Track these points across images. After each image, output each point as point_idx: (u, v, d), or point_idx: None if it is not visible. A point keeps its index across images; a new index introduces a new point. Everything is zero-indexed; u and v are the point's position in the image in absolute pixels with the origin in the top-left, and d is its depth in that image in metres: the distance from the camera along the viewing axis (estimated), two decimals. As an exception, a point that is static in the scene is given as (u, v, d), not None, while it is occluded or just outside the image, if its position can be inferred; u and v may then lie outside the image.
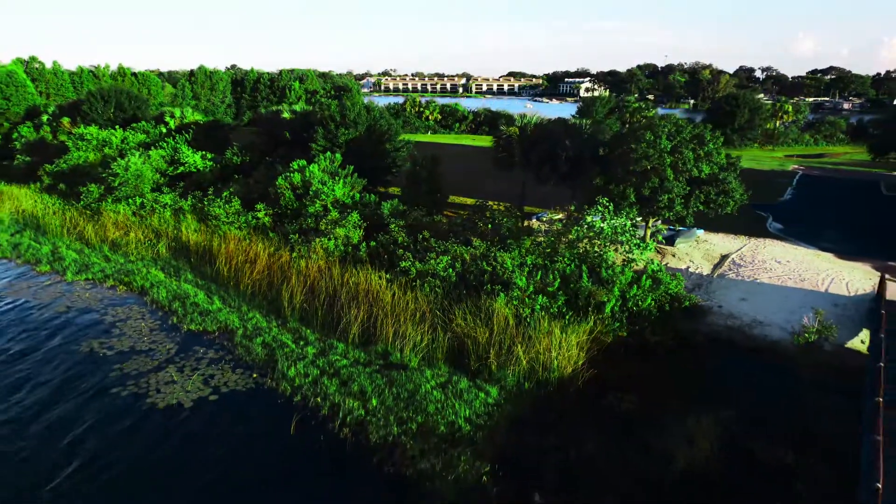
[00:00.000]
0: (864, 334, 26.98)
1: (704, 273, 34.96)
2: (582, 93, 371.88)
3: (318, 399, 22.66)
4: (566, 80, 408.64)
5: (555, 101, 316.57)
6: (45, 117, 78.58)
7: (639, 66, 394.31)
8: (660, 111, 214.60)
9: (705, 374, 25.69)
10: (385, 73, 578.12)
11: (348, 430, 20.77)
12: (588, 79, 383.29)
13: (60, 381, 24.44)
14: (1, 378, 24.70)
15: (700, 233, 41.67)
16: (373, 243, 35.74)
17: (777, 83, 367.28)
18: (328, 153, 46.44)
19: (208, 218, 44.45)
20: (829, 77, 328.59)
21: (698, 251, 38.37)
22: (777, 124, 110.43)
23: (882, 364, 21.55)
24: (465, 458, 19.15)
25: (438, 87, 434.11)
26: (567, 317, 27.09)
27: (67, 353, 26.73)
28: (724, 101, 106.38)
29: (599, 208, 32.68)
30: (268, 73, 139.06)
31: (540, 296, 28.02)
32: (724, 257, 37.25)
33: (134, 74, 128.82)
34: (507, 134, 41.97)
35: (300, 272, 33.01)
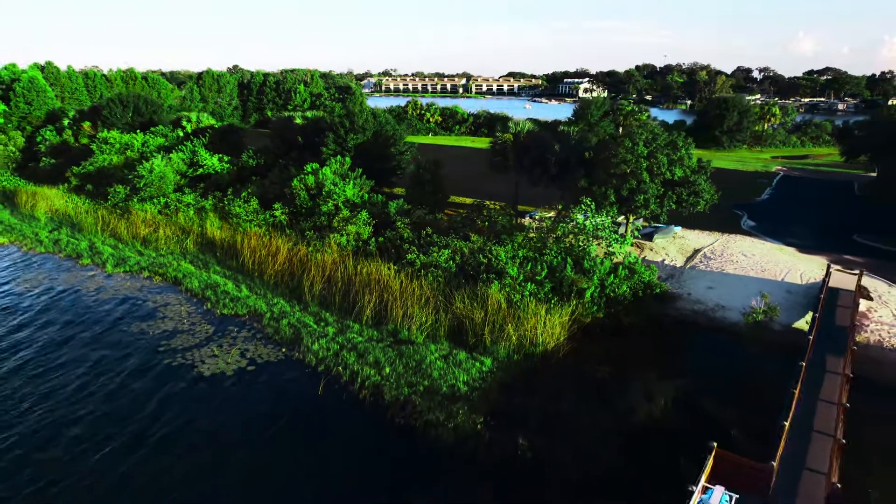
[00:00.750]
0: (809, 316, 31.16)
1: (678, 265, 39.18)
2: (581, 93, 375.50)
3: (340, 368, 26.88)
4: (565, 80, 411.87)
5: (554, 102, 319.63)
6: (66, 121, 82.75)
7: (637, 67, 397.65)
8: (656, 113, 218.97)
9: (671, 349, 29.88)
10: (385, 73, 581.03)
11: (367, 392, 24.99)
12: (587, 79, 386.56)
13: (121, 355, 28.64)
14: (71, 354, 28.91)
15: (678, 229, 45.86)
16: (381, 238, 39.94)
17: (774, 84, 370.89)
18: (338, 157, 50.62)
19: (229, 216, 48.67)
20: (824, 78, 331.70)
21: (674, 246, 42.58)
22: (765, 126, 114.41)
23: (811, 337, 25.80)
24: (463, 412, 23.35)
25: (439, 87, 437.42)
26: (552, 301, 31.30)
27: (121, 332, 30.95)
28: (713, 105, 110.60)
29: (583, 207, 36.87)
30: (273, 76, 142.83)
31: (529, 283, 32.24)
32: (696, 251, 41.48)
33: (144, 78, 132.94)
34: (503, 140, 46.18)
35: (318, 264, 37.20)
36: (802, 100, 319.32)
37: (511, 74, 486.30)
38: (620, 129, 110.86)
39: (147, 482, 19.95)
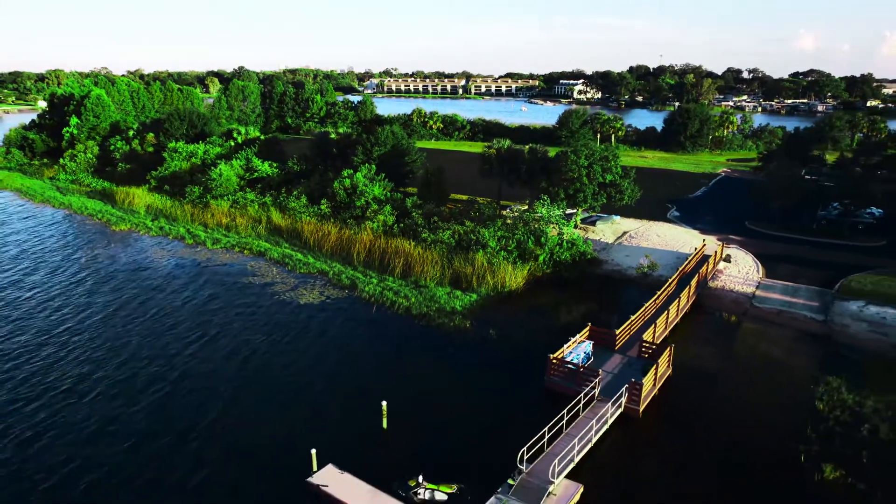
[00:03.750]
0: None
1: (609, 242, 56.14)
2: (575, 94, 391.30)
3: (383, 299, 43.82)
4: (561, 81, 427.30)
5: (549, 104, 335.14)
6: (131, 132, 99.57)
7: (630, 69, 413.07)
8: (645, 114, 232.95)
9: (591, 291, 46.73)
10: (386, 73, 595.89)
11: (401, 311, 41.96)
12: (581, 81, 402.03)
13: (250, 295, 45.53)
14: (225, 298, 45.82)
15: (617, 218, 62.78)
16: (402, 224, 56.84)
17: (763, 84, 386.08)
18: (367, 164, 67.55)
19: (286, 209, 65.57)
20: (807, 80, 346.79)
21: (610, 229, 59.54)
22: (725, 132, 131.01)
23: (671, 280, 42.78)
24: (459, 319, 40.28)
25: (439, 88, 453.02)
26: (517, 262, 48.22)
27: (239, 285, 47.84)
28: (678, 113, 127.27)
29: (542, 202, 53.73)
30: (293, 88, 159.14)
31: (502, 251, 49.19)
32: (625, 233, 58.44)
33: (180, 90, 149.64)
34: (489, 153, 63.10)
35: (359, 241, 54.11)
36: (785, 101, 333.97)
37: (509, 75, 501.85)
38: (598, 136, 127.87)
39: (297, 356, 36.73)
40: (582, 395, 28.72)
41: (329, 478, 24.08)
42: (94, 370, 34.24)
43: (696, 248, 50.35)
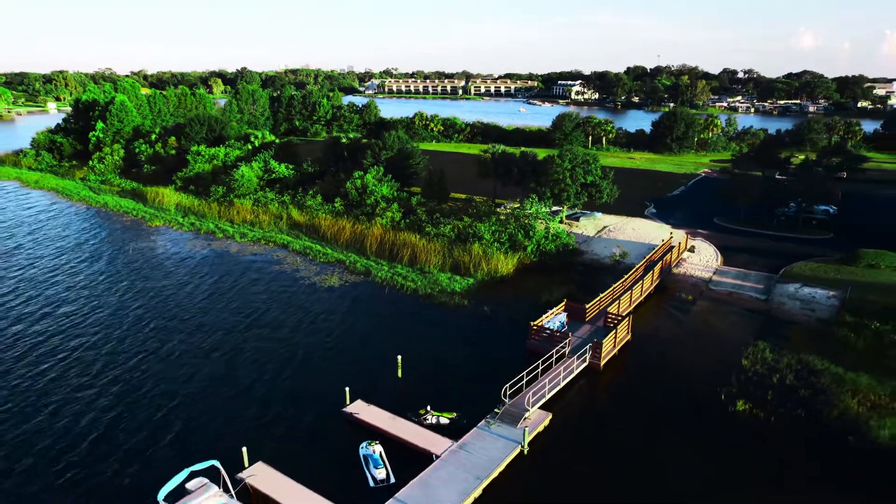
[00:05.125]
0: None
1: (590, 235, 63.85)
2: (573, 95, 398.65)
3: (393, 283, 51.54)
4: (559, 82, 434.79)
5: (547, 105, 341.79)
6: (153, 136, 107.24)
7: (627, 70, 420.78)
8: (641, 115, 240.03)
9: (571, 276, 54.40)
10: (386, 73, 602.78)
11: (409, 292, 49.70)
12: (579, 82, 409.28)
13: (281, 280, 53.23)
14: (260, 284, 53.53)
15: (599, 214, 70.47)
16: (408, 220, 64.51)
17: (758, 85, 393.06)
18: (375, 167, 75.22)
19: (304, 207, 73.26)
20: (799, 81, 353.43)
21: (592, 224, 67.27)
22: (710, 134, 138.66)
23: (638, 266, 50.51)
24: (458, 298, 48.02)
25: (440, 89, 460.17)
26: (509, 252, 55.93)
27: (272, 271, 55.53)
28: (665, 117, 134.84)
29: (531, 200, 61.39)
30: (300, 93, 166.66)
31: (496, 243, 56.89)
32: (605, 227, 66.17)
33: (193, 94, 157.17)
34: (485, 157, 70.87)
35: (371, 234, 61.81)
36: (778, 102, 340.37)
37: (508, 76, 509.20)
38: (590, 138, 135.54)
39: (330, 326, 44.39)
40: (554, 352, 36.44)
41: (359, 408, 31.82)
42: (173, 338, 42.05)
43: (663, 240, 58.09)
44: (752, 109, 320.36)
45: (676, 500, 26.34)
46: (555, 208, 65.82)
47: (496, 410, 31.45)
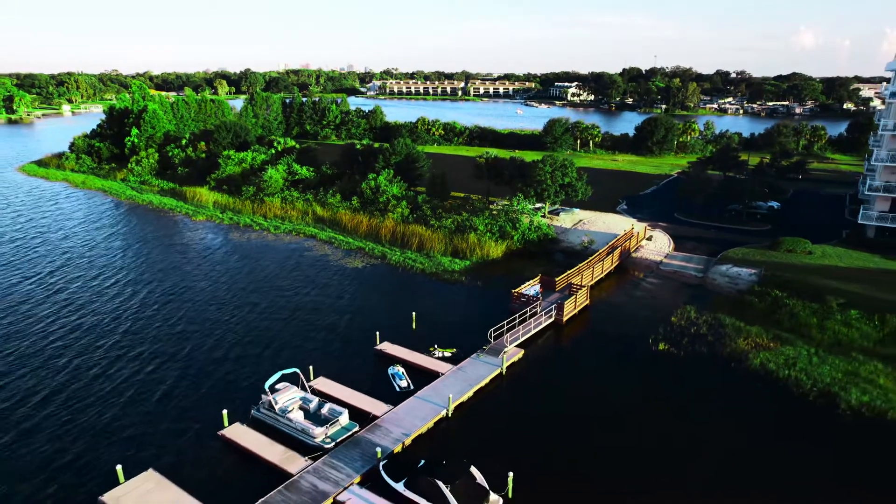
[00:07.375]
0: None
1: (567, 227, 76.41)
2: (569, 97, 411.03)
3: (405, 264, 64.12)
4: (556, 83, 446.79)
5: (543, 106, 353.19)
6: (184, 141, 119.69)
7: (622, 72, 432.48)
8: (633, 116, 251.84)
9: (548, 258, 66.84)
10: (387, 73, 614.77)
11: (417, 271, 62.30)
12: (575, 84, 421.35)
13: (314, 265, 65.73)
14: (299, 266, 66.07)
15: (577, 210, 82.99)
16: (415, 214, 77.00)
17: (749, 86, 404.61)
18: (386, 169, 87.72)
19: (325, 204, 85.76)
20: (787, 84, 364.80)
21: (570, 218, 79.82)
22: (688, 138, 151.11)
23: (600, 250, 63.04)
24: (457, 274, 60.65)
25: (440, 90, 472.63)
26: (499, 240, 68.49)
27: (302, 257, 68.08)
28: (647, 122, 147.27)
29: (518, 197, 73.89)
30: (310, 100, 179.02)
31: (488, 233, 69.45)
32: (580, 221, 78.71)
33: (213, 101, 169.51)
34: (480, 162, 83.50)
35: (385, 226, 74.34)
36: (767, 104, 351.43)
37: (507, 77, 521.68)
38: (578, 141, 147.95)
39: (360, 295, 56.94)
40: (528, 310, 48.99)
41: (387, 346, 44.43)
42: (263, 299, 54.65)
43: (625, 230, 70.69)
44: (742, 111, 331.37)
45: (613, 409, 38.91)
46: (538, 205, 78.37)
47: (484, 347, 44.03)
